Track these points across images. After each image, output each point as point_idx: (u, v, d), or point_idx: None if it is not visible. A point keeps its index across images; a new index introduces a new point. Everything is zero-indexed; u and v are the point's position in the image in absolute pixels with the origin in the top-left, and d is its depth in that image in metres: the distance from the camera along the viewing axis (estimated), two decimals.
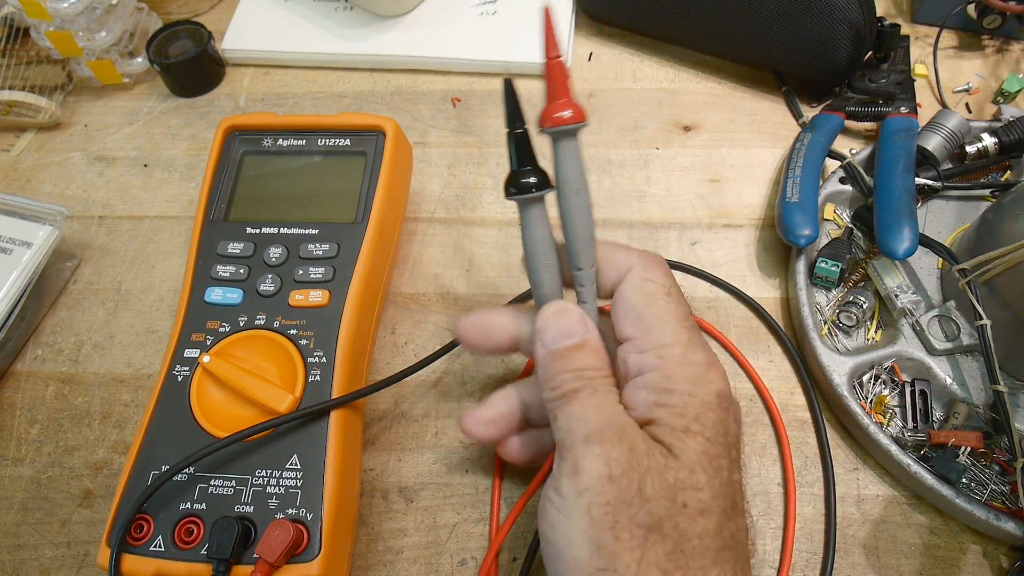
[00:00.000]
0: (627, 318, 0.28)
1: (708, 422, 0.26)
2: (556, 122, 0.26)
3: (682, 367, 0.27)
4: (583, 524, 0.24)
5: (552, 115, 0.26)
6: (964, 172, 0.44)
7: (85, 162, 0.51)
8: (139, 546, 0.31)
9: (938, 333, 0.38)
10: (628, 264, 0.29)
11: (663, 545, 0.24)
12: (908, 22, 0.55)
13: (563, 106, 0.26)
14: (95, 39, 0.50)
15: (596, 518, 0.24)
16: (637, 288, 0.28)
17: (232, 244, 0.38)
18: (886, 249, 0.38)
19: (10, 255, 0.41)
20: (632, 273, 0.29)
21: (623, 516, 0.24)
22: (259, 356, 0.35)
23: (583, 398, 0.26)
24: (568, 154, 0.27)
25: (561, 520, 0.24)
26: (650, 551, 0.23)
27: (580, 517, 0.24)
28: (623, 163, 0.49)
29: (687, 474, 0.25)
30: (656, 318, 0.28)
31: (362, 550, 0.35)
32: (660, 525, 0.24)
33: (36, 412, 0.40)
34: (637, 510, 0.24)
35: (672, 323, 0.28)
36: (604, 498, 0.24)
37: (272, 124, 0.42)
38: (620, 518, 0.24)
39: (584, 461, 0.25)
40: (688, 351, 0.27)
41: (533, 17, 0.54)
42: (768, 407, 0.39)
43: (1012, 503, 0.34)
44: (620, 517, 0.24)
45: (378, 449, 0.38)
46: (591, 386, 0.27)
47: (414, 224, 0.46)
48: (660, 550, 0.23)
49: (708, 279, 0.43)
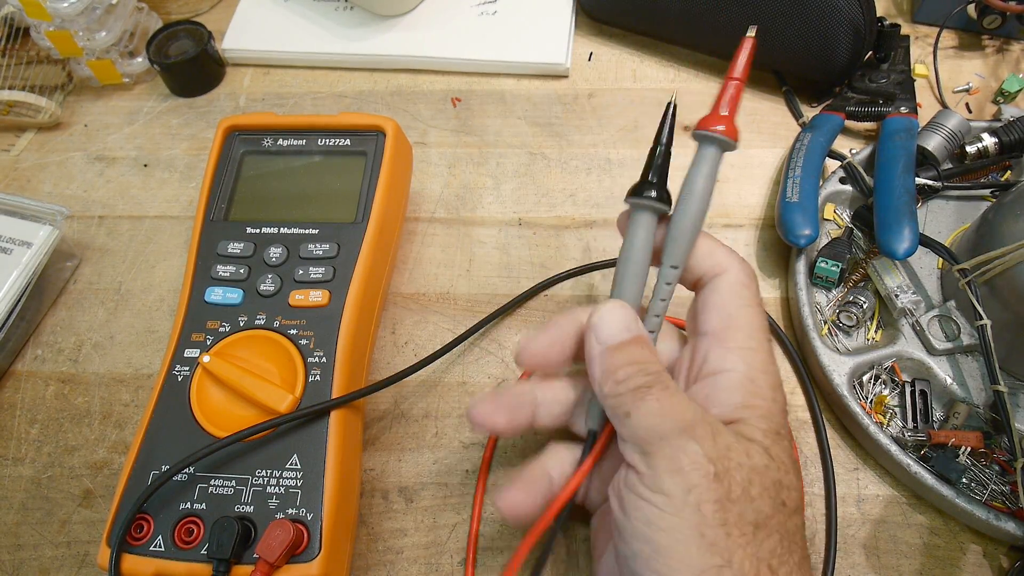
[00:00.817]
0: (717, 313, 0.29)
1: (788, 428, 0.28)
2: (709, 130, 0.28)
3: (765, 374, 0.28)
4: (693, 521, 0.24)
5: (709, 124, 0.28)
6: (964, 172, 0.44)
7: (85, 162, 0.51)
8: (139, 546, 0.31)
9: (938, 333, 0.38)
10: (726, 264, 0.30)
11: (770, 542, 0.24)
12: (908, 22, 0.55)
13: (721, 120, 0.28)
14: (95, 39, 0.50)
15: (707, 515, 0.24)
16: (733, 289, 0.29)
17: (232, 244, 0.38)
18: (886, 249, 0.38)
19: (10, 255, 0.41)
20: (729, 274, 0.29)
21: (732, 513, 0.24)
22: (259, 356, 0.35)
23: (658, 393, 0.26)
24: (706, 161, 0.29)
25: (666, 518, 0.24)
26: (762, 547, 0.24)
27: (691, 515, 0.24)
28: (623, 163, 0.48)
29: (783, 474, 0.26)
30: (745, 321, 0.28)
31: (362, 550, 0.35)
32: (767, 522, 0.24)
33: (36, 412, 0.40)
34: (745, 508, 0.24)
35: (758, 331, 0.29)
36: (713, 495, 0.24)
37: (272, 124, 0.42)
38: (729, 515, 0.24)
39: (686, 456, 0.24)
40: (768, 359, 0.28)
41: (533, 17, 0.54)
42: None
43: (1012, 503, 0.34)
44: (729, 515, 0.24)
45: (378, 449, 0.38)
46: (661, 382, 0.27)
47: (414, 224, 0.46)
48: (767, 547, 0.24)
49: None
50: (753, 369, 0.28)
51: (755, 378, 0.27)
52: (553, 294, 0.43)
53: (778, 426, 0.27)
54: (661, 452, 0.25)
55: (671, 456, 0.25)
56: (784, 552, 0.25)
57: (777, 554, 0.24)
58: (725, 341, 0.28)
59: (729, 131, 0.28)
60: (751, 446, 0.26)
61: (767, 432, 0.26)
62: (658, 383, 0.26)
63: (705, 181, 0.29)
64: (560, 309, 0.43)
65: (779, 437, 0.27)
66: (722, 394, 0.27)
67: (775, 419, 0.27)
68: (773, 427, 0.27)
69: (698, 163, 0.29)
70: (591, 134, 0.50)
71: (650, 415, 0.26)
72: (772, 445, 0.26)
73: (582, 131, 0.50)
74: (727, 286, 0.29)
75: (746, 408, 0.27)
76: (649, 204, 0.29)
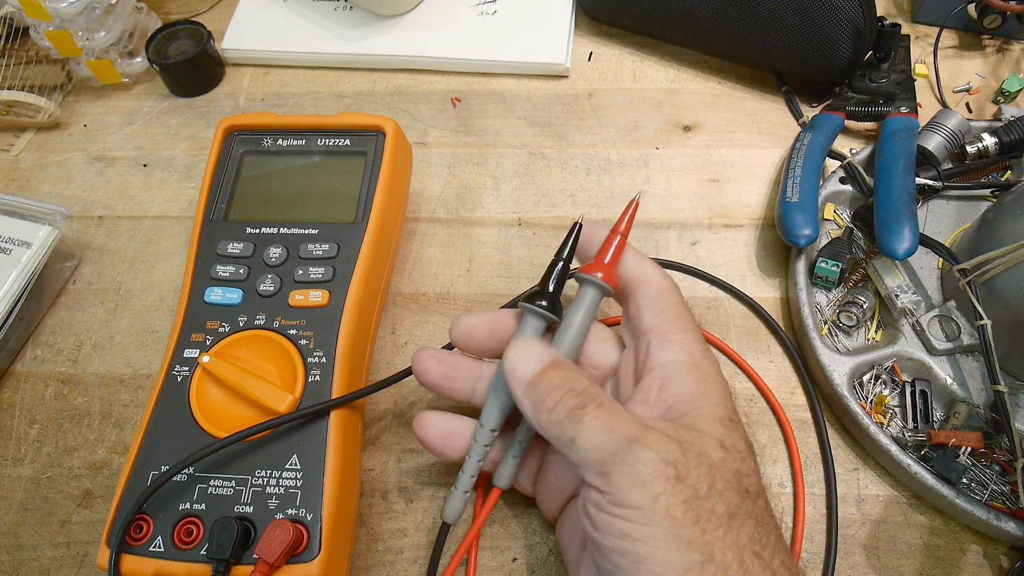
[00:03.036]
0: (652, 312, 0.30)
1: (737, 411, 0.28)
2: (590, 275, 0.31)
3: (706, 360, 0.29)
4: (667, 526, 0.24)
5: (591, 271, 0.31)
6: (964, 172, 0.44)
7: (84, 162, 0.50)
8: (139, 546, 0.31)
9: (938, 333, 0.38)
10: (652, 274, 0.32)
11: (746, 529, 0.25)
12: (908, 22, 0.55)
13: (602, 268, 0.31)
14: (95, 39, 0.50)
15: (678, 517, 0.24)
16: (661, 292, 0.31)
17: (232, 244, 0.38)
18: (886, 249, 0.38)
19: (9, 255, 0.41)
20: (655, 281, 0.31)
21: (703, 510, 0.24)
22: (259, 356, 0.35)
23: (594, 411, 0.26)
24: (586, 301, 0.31)
25: (639, 529, 0.24)
26: (739, 536, 0.24)
27: (663, 520, 0.24)
28: (623, 163, 0.48)
29: (741, 462, 0.26)
30: (677, 315, 0.30)
31: (362, 550, 0.35)
32: (737, 511, 0.25)
33: (36, 412, 0.40)
34: (715, 501, 0.25)
35: (692, 324, 0.30)
36: (680, 496, 0.24)
37: (272, 124, 0.42)
38: (701, 512, 0.24)
39: (644, 466, 0.25)
40: (706, 349, 0.29)
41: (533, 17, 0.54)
42: (773, 407, 0.39)
43: (1012, 503, 0.34)
44: (701, 511, 0.24)
45: (378, 449, 0.38)
46: (593, 399, 0.27)
47: (414, 224, 0.46)
48: (745, 534, 0.25)
49: (708, 279, 0.43)
50: (695, 356, 0.29)
51: (699, 364, 0.28)
52: None
53: (730, 412, 0.28)
54: (618, 469, 0.25)
55: (629, 471, 0.25)
56: (762, 535, 0.25)
57: (756, 539, 0.25)
58: (665, 334, 0.29)
59: (607, 278, 0.31)
60: (705, 440, 0.26)
61: (722, 420, 0.27)
62: (590, 401, 0.27)
63: (583, 319, 0.31)
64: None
65: (732, 424, 0.27)
66: (674, 383, 0.28)
67: (726, 405, 0.28)
68: (726, 414, 0.27)
69: (579, 301, 0.31)
70: (591, 134, 0.50)
71: (594, 435, 0.26)
72: (727, 434, 0.27)
73: (582, 131, 0.50)
74: (655, 290, 0.31)
75: (698, 399, 0.27)
76: (541, 312, 0.31)
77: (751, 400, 0.39)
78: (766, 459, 0.37)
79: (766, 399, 0.39)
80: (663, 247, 0.45)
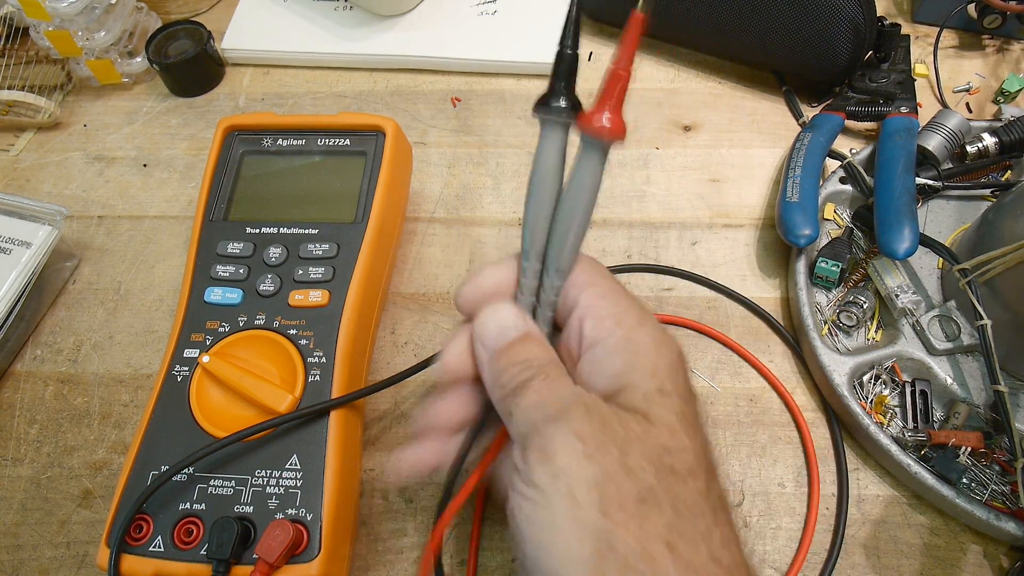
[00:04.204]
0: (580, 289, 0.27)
1: (680, 381, 0.25)
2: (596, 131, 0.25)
3: (643, 328, 0.26)
4: (565, 508, 0.22)
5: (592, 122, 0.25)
6: (964, 172, 0.44)
7: (84, 162, 0.50)
8: (139, 546, 0.31)
9: (938, 333, 0.38)
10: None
11: (661, 515, 0.22)
12: (908, 21, 0.55)
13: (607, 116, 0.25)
14: (94, 39, 0.50)
15: (580, 499, 0.22)
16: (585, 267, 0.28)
17: (232, 244, 0.38)
18: (886, 249, 0.38)
19: (9, 255, 0.41)
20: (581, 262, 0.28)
21: (609, 491, 0.22)
22: (259, 356, 0.35)
23: (537, 385, 0.25)
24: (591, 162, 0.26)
25: (539, 512, 0.22)
26: (648, 523, 0.22)
27: (561, 502, 0.22)
28: (623, 163, 0.48)
29: (668, 436, 0.24)
30: (608, 288, 0.27)
31: (362, 550, 0.35)
32: (653, 494, 0.22)
33: (35, 412, 0.40)
34: (623, 482, 0.22)
35: (622, 295, 0.27)
36: (584, 476, 0.22)
37: (272, 124, 0.42)
38: (606, 494, 0.22)
39: (554, 442, 0.23)
40: (643, 316, 0.27)
41: (533, 17, 0.54)
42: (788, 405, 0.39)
43: (1012, 503, 0.34)
44: (606, 493, 0.22)
45: (378, 449, 0.38)
46: (543, 372, 0.25)
47: (414, 224, 0.46)
48: (659, 521, 0.22)
49: (706, 284, 0.43)
50: (629, 329, 0.26)
51: (633, 337, 0.26)
52: None
53: (662, 383, 0.25)
54: (532, 443, 0.23)
55: (541, 445, 0.23)
56: (683, 524, 0.22)
57: (675, 527, 0.22)
58: (596, 311, 0.27)
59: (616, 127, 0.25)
60: (627, 415, 0.24)
61: (649, 394, 0.24)
62: (539, 375, 0.25)
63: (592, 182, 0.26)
64: None
65: (663, 396, 0.24)
66: (604, 363, 0.26)
67: (659, 376, 0.25)
68: (656, 385, 0.25)
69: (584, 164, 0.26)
70: None
71: (527, 409, 0.25)
72: (653, 407, 0.24)
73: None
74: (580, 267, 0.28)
75: (629, 373, 0.25)
76: (561, 119, 0.26)
77: (751, 400, 0.39)
78: (766, 459, 0.37)
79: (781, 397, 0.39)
80: (663, 247, 0.45)
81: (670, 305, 0.43)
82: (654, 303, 0.43)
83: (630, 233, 0.45)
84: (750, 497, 0.36)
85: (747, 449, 0.38)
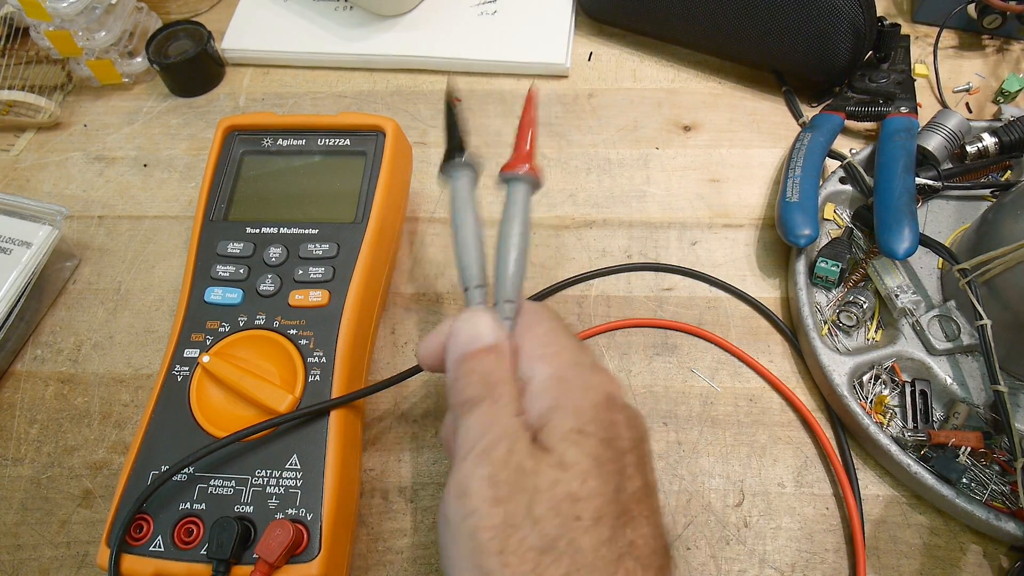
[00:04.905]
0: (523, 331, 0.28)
1: (603, 423, 0.25)
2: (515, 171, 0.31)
3: (573, 368, 0.27)
4: (468, 549, 0.23)
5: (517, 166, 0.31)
6: (964, 172, 0.44)
7: (85, 162, 0.50)
8: (139, 546, 0.31)
9: (938, 333, 0.38)
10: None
11: (557, 567, 0.22)
12: (908, 22, 0.55)
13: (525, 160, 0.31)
14: (95, 39, 0.50)
15: (482, 543, 0.22)
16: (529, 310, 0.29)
17: (232, 244, 0.38)
18: (886, 249, 0.38)
19: (10, 255, 0.41)
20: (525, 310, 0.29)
21: (512, 540, 0.22)
22: (259, 356, 0.35)
23: (484, 408, 0.25)
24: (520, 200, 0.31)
25: (448, 544, 0.23)
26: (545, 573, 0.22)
27: (465, 542, 0.23)
28: (623, 163, 0.48)
29: (579, 484, 0.23)
30: (543, 330, 0.28)
31: (362, 550, 0.35)
32: (554, 545, 0.22)
33: (36, 412, 0.40)
34: (527, 532, 0.22)
35: (562, 334, 0.28)
36: (490, 521, 0.23)
37: (272, 124, 0.42)
38: (509, 542, 0.22)
39: (472, 481, 0.23)
40: (578, 356, 0.27)
41: (533, 17, 0.54)
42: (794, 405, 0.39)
43: (1012, 503, 0.34)
44: (509, 541, 0.22)
45: (378, 449, 0.38)
46: (493, 395, 0.26)
47: (414, 224, 0.46)
48: (555, 571, 0.22)
49: (707, 280, 0.43)
50: (562, 368, 0.26)
51: (564, 376, 0.26)
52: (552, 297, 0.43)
53: (584, 424, 0.25)
54: (454, 476, 0.24)
55: (459, 480, 0.24)
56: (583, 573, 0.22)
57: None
58: (530, 351, 0.27)
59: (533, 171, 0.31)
60: (544, 458, 0.24)
61: (567, 434, 0.24)
62: (488, 397, 0.26)
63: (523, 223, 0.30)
64: (560, 310, 0.43)
65: (582, 437, 0.24)
66: (533, 400, 0.26)
67: (582, 416, 0.25)
68: (577, 425, 0.25)
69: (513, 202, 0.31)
70: (591, 134, 0.50)
71: (465, 430, 0.25)
72: (570, 448, 0.24)
73: (582, 131, 0.50)
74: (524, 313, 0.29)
75: (553, 411, 0.25)
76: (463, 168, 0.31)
77: (751, 400, 0.39)
78: (767, 459, 0.37)
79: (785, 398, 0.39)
80: (663, 247, 0.45)
81: (670, 305, 0.43)
82: (654, 303, 0.43)
83: (630, 233, 0.45)
84: (750, 497, 0.36)
85: (747, 449, 0.38)
